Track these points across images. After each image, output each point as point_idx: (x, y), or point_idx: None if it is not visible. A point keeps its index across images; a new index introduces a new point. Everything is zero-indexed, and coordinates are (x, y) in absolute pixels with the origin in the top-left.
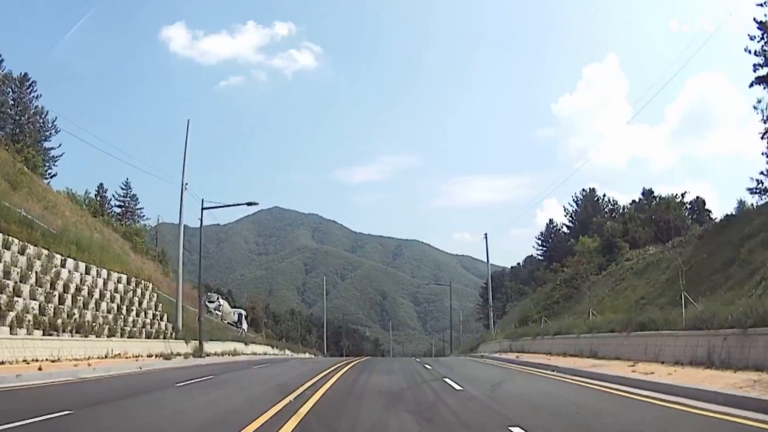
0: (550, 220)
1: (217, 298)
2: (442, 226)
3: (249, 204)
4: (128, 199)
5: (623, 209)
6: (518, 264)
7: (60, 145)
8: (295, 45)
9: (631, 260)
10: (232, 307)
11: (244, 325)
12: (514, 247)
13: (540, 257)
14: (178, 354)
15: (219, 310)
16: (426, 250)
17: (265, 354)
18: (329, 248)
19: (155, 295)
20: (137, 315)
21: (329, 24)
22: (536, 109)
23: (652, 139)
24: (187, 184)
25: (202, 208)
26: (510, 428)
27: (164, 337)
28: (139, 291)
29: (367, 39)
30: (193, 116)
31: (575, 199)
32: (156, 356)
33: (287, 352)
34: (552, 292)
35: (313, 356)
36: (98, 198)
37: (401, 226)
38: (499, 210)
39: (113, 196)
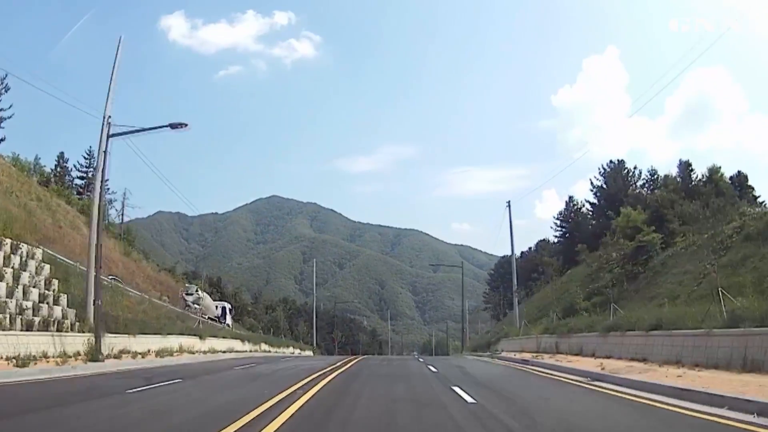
0: (570, 198)
1: (196, 290)
2: (441, 216)
3: (173, 126)
4: (92, 170)
5: (663, 179)
6: (529, 248)
7: (11, 106)
8: (294, 34)
9: (737, 221)
10: (216, 300)
11: (228, 320)
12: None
13: (558, 239)
14: (61, 357)
15: (199, 304)
16: (425, 239)
17: (227, 352)
18: (328, 237)
19: (46, 267)
20: (9, 296)
21: (329, 13)
22: (536, 101)
23: (652, 132)
24: (110, 117)
25: (108, 135)
26: None
27: (59, 329)
28: (17, 260)
29: (366, 29)
30: (191, 105)
31: (602, 172)
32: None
33: (263, 348)
34: (598, 274)
35: (294, 353)
36: (58, 168)
37: (400, 215)
38: (498, 201)
39: (74, 166)
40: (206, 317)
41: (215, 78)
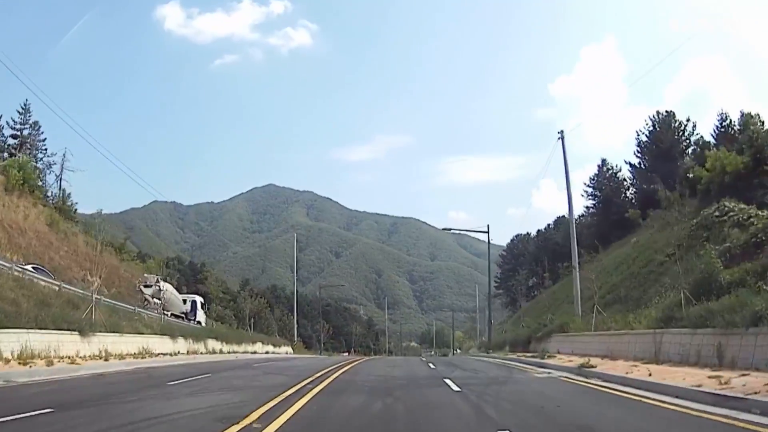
0: (603, 161)
1: (157, 281)
2: (437, 205)
3: None
4: (27, 127)
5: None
6: (548, 226)
7: None
8: (291, 23)
9: None
10: (184, 293)
11: (200, 316)
12: (512, 227)
13: (591, 209)
14: None
15: (160, 297)
16: (422, 227)
17: (132, 357)
18: (324, 226)
19: None
20: None
21: (325, 1)
22: (534, 90)
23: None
24: None
25: None
26: None
27: None
28: None
29: (363, 16)
30: (187, 95)
31: (650, 123)
32: None
33: (211, 347)
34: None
35: (265, 352)
36: None
37: (397, 204)
38: (494, 190)
39: (7, 123)
40: (169, 313)
41: (211, 67)
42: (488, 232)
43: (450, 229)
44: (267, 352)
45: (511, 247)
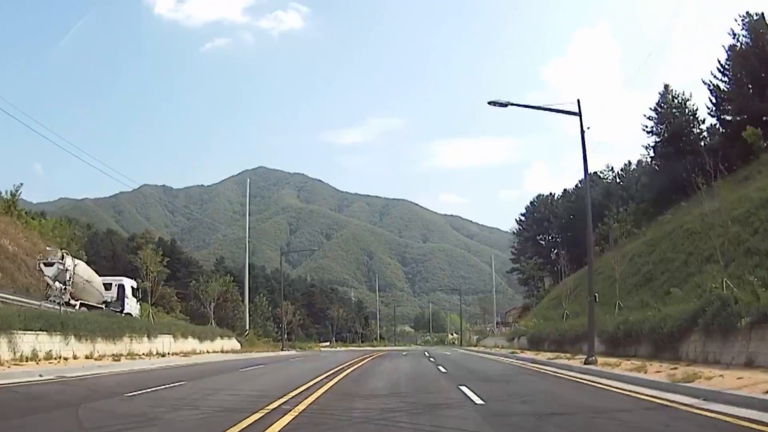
0: (666, 87)
1: (63, 257)
2: (429, 188)
3: None
4: None
5: None
6: (577, 185)
7: None
8: (281, 5)
9: None
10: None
11: (132, 307)
12: (505, 210)
13: (652, 148)
14: None
15: (65, 282)
16: (414, 209)
17: None
18: (315, 207)
19: None
20: None
21: None
22: (525, 73)
23: (645, 105)
24: None
25: None
26: None
27: None
28: None
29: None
30: (177, 79)
31: (741, 25)
32: None
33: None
34: None
35: (168, 355)
36: None
37: (389, 186)
38: (487, 173)
39: None
40: (76, 303)
41: (202, 51)
42: (580, 114)
43: (504, 103)
44: (178, 354)
45: (532, 211)
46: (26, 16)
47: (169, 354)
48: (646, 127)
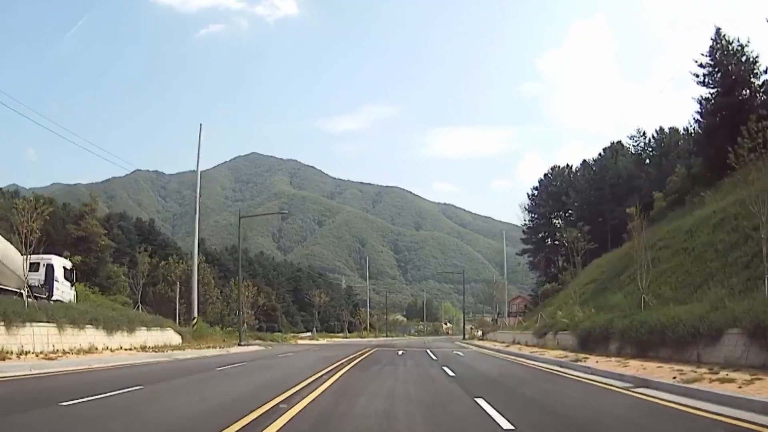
0: (718, 30)
1: None
2: (423, 176)
3: None
4: None
5: None
6: (600, 154)
7: None
8: None
9: None
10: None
11: (63, 290)
12: (498, 200)
13: (706, 103)
14: None
15: None
16: (407, 197)
17: None
18: (307, 194)
19: None
20: None
21: None
22: (520, 63)
23: (640, 96)
24: None
25: None
26: None
27: None
28: None
29: None
30: (172, 64)
31: None
32: None
33: None
34: None
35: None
36: None
37: (382, 173)
38: (480, 163)
39: None
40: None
41: (196, 37)
42: None
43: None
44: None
45: (545, 184)
46: (19, 3)
47: (40, 354)
48: (698, 76)
